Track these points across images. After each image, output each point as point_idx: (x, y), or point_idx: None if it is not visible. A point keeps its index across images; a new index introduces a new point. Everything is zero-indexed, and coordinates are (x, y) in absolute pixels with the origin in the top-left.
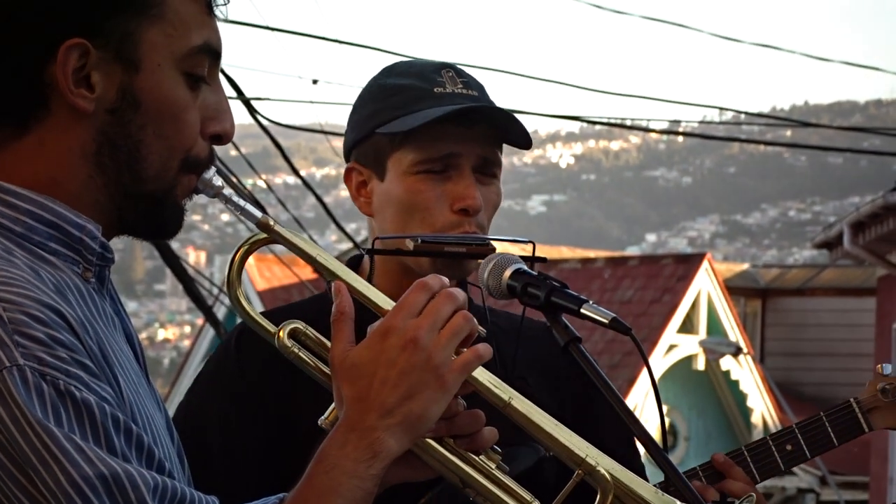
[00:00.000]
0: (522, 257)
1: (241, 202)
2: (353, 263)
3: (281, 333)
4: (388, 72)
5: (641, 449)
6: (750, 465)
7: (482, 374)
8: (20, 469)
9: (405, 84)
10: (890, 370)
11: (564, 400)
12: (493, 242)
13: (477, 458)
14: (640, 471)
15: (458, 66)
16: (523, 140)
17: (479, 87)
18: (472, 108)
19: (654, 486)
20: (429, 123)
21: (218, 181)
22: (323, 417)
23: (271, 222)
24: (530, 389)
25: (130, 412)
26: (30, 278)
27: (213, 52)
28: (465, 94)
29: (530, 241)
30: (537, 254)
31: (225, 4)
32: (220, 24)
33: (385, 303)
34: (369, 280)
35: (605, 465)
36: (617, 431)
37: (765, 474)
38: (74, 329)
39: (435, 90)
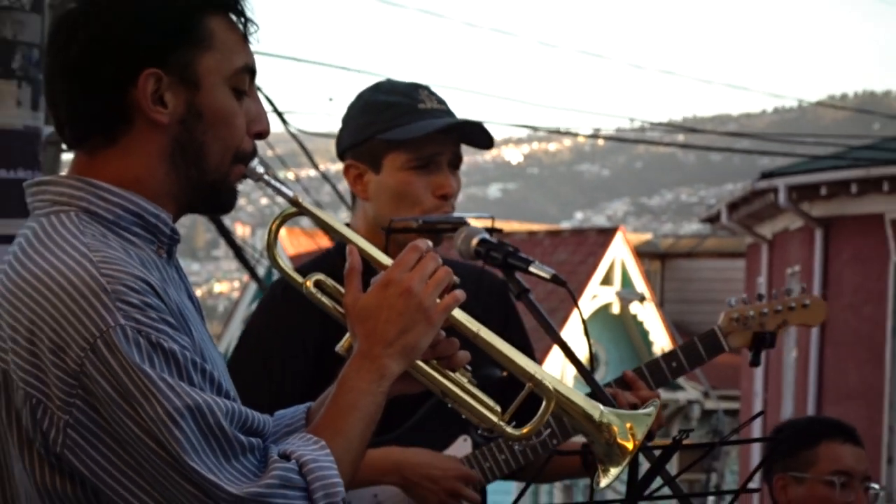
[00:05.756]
0: (486, 228)
1: (277, 184)
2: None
3: (308, 283)
4: (375, 90)
5: (572, 370)
6: (647, 378)
7: (457, 313)
8: (128, 403)
9: (393, 101)
10: (733, 301)
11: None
12: (465, 218)
13: (453, 375)
14: None
15: (428, 86)
16: (486, 142)
17: (445, 101)
18: (458, 122)
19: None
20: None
21: (260, 169)
22: (339, 346)
23: (300, 199)
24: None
25: (202, 355)
26: (123, 256)
27: (251, 71)
28: (441, 109)
29: (491, 217)
30: (494, 226)
31: (255, 33)
32: (263, 58)
33: (385, 260)
34: (385, 250)
35: (549, 379)
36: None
37: (658, 384)
38: (159, 294)
39: (419, 106)
